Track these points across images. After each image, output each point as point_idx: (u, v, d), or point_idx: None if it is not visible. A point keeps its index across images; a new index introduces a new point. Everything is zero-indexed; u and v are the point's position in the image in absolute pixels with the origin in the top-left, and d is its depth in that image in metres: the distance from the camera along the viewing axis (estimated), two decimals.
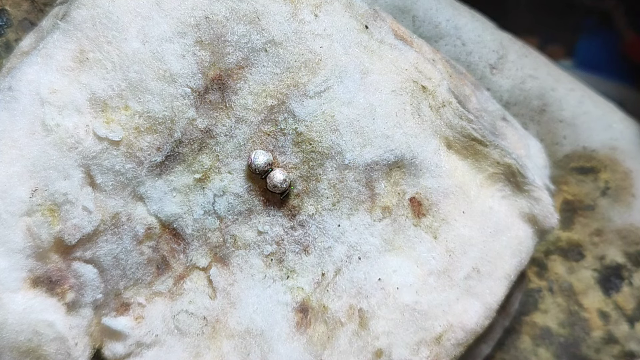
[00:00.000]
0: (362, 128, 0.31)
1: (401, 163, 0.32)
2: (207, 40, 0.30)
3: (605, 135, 0.42)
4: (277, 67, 0.31)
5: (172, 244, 0.31)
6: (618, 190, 0.42)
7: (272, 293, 0.31)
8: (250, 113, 0.31)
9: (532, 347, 0.40)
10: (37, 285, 0.28)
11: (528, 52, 0.44)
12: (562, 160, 0.43)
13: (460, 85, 0.36)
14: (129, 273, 0.30)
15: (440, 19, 0.42)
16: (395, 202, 0.32)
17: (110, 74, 0.29)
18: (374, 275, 0.31)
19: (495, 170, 0.34)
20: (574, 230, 0.42)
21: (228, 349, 0.30)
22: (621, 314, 0.40)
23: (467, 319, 0.32)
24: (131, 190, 0.30)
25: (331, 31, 0.32)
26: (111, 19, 0.29)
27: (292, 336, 0.30)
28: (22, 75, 0.28)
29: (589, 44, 0.51)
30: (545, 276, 0.42)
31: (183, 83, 0.29)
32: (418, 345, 0.31)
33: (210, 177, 0.31)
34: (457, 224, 0.33)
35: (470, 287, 0.32)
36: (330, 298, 0.31)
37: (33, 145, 0.28)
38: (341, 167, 0.31)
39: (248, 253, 0.31)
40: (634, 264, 0.41)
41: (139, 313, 0.30)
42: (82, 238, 0.28)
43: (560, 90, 0.43)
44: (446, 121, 0.33)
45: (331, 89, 0.31)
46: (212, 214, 0.31)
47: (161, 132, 0.29)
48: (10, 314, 0.27)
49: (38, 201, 0.27)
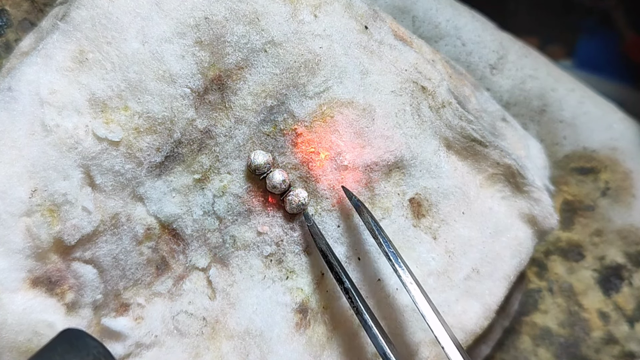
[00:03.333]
0: (361, 129, 0.31)
1: (401, 164, 0.32)
2: (207, 40, 0.30)
3: (606, 135, 0.42)
4: (277, 68, 0.31)
5: (172, 245, 0.31)
6: (618, 191, 0.42)
7: (272, 294, 0.31)
8: (249, 113, 0.31)
9: (532, 347, 0.40)
10: (37, 286, 0.28)
11: (528, 52, 0.44)
12: (562, 161, 0.43)
13: (460, 86, 0.36)
14: (129, 273, 0.30)
15: (440, 19, 0.42)
16: (394, 202, 0.32)
17: (109, 74, 0.29)
18: (374, 276, 0.31)
19: (495, 170, 0.34)
20: (574, 231, 0.42)
21: (227, 349, 0.30)
22: (621, 314, 0.40)
23: (467, 319, 0.32)
24: (131, 190, 0.29)
25: (331, 32, 0.31)
26: (111, 20, 0.29)
27: (292, 337, 0.30)
28: (22, 75, 0.28)
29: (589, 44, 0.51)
30: (545, 276, 0.42)
31: (182, 83, 0.29)
32: (418, 346, 0.31)
33: (210, 177, 0.31)
34: (457, 225, 0.33)
35: (470, 288, 0.32)
36: (330, 299, 0.31)
37: (33, 146, 0.28)
38: (341, 167, 0.31)
39: (247, 254, 0.31)
40: (634, 264, 0.41)
41: (139, 313, 0.30)
42: (81, 238, 0.28)
43: (561, 90, 0.43)
44: (446, 122, 0.33)
45: (331, 90, 0.31)
46: (212, 215, 0.31)
47: (161, 133, 0.29)
48: (10, 314, 0.27)
49: (37, 201, 0.27)
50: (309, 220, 0.31)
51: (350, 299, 0.28)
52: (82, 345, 0.24)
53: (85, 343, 0.24)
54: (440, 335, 0.26)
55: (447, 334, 0.26)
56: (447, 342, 0.26)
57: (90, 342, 0.24)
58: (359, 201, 0.30)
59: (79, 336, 0.25)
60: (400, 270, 0.28)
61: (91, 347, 0.24)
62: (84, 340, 0.24)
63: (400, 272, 0.28)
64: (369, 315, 0.28)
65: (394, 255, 0.28)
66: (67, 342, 0.24)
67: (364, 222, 0.30)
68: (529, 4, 0.51)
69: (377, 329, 0.27)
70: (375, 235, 0.29)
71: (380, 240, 0.29)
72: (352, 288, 0.28)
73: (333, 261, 0.29)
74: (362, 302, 0.28)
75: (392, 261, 0.28)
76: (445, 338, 0.26)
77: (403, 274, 0.28)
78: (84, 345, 0.24)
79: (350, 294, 0.28)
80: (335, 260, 0.29)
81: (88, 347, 0.24)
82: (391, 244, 0.29)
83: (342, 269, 0.29)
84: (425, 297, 0.27)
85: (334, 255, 0.30)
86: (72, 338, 0.24)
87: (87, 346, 0.24)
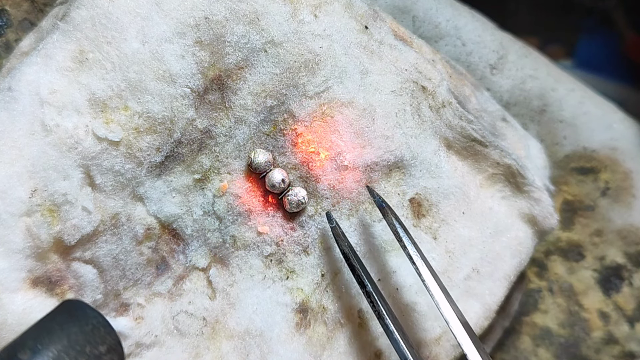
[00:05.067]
0: (361, 128, 0.31)
1: (401, 164, 0.32)
2: (207, 40, 0.30)
3: (606, 135, 0.42)
4: (277, 68, 0.31)
5: (172, 245, 0.31)
6: (618, 191, 0.42)
7: (272, 294, 0.31)
8: (249, 113, 0.31)
9: (532, 347, 0.40)
10: (37, 286, 0.28)
11: (528, 52, 0.44)
12: (562, 161, 0.43)
13: (460, 86, 0.36)
14: (129, 273, 0.30)
15: (440, 19, 0.42)
16: (395, 202, 0.32)
17: (109, 74, 0.29)
18: (374, 276, 0.31)
19: (495, 170, 0.34)
20: (574, 231, 0.42)
21: (227, 349, 0.30)
22: (621, 314, 0.40)
23: (467, 319, 0.32)
24: (131, 190, 0.29)
25: (331, 31, 0.31)
26: (111, 20, 0.29)
27: (292, 337, 0.30)
28: (22, 75, 0.28)
29: (589, 44, 0.51)
30: (545, 276, 0.42)
31: (182, 83, 0.29)
32: (418, 346, 0.31)
33: (210, 177, 0.31)
34: (457, 225, 0.33)
35: (470, 288, 0.32)
36: (330, 299, 0.31)
37: (33, 146, 0.28)
38: (341, 167, 0.31)
39: (247, 254, 0.31)
40: (634, 264, 0.41)
41: (139, 313, 0.30)
42: (81, 238, 0.28)
43: (561, 90, 0.43)
44: (446, 122, 0.33)
45: (331, 90, 0.31)
46: (212, 215, 0.31)
47: (161, 133, 0.29)
48: (10, 314, 0.27)
49: (37, 201, 0.27)
50: (331, 222, 0.30)
51: (372, 302, 0.28)
52: (82, 315, 0.24)
53: (85, 313, 0.24)
54: (469, 351, 0.26)
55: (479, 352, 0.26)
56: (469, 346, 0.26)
57: (89, 312, 0.24)
58: (383, 201, 0.30)
59: (78, 307, 0.24)
60: (424, 274, 0.27)
61: (90, 317, 0.24)
62: (84, 310, 0.24)
63: (423, 276, 0.27)
64: (391, 319, 0.27)
65: (417, 257, 0.28)
66: (66, 312, 0.24)
67: (388, 223, 0.29)
68: (529, 4, 0.51)
69: (399, 334, 0.27)
70: (399, 238, 0.29)
71: (404, 242, 0.28)
72: (373, 291, 0.28)
73: (356, 264, 0.29)
74: (384, 306, 0.28)
75: (415, 264, 0.28)
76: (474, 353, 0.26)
77: (426, 277, 0.27)
78: (83, 315, 0.24)
79: (372, 297, 0.28)
80: (358, 263, 0.29)
81: (87, 317, 0.24)
82: (416, 246, 0.28)
83: (365, 271, 0.29)
84: (451, 303, 0.27)
85: (357, 258, 0.29)
86: (72, 308, 0.24)
87: (87, 316, 0.24)
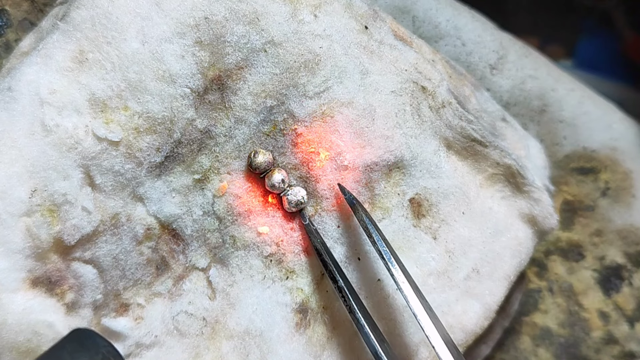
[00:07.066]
0: (361, 129, 0.31)
1: (401, 164, 0.32)
2: (207, 40, 0.30)
3: (605, 135, 0.42)
4: (277, 68, 0.31)
5: (172, 245, 0.31)
6: (618, 191, 0.42)
7: (272, 294, 0.31)
8: (249, 113, 0.31)
9: (532, 347, 0.40)
10: (37, 286, 0.28)
11: (528, 52, 0.44)
12: (562, 161, 0.43)
13: (460, 86, 0.36)
14: (129, 274, 0.30)
15: (440, 19, 0.42)
16: (394, 202, 0.32)
17: (109, 74, 0.29)
18: (374, 276, 0.31)
19: (495, 171, 0.34)
20: (574, 231, 0.42)
21: (227, 349, 0.30)
22: (621, 314, 0.40)
23: (467, 319, 0.32)
24: (130, 190, 0.29)
25: (331, 31, 0.31)
26: (110, 20, 0.29)
27: (292, 337, 0.30)
28: (22, 75, 0.28)
29: (589, 44, 0.51)
30: (545, 276, 0.42)
31: (182, 83, 0.29)
32: (417, 346, 0.31)
33: (210, 177, 0.31)
34: (457, 225, 0.33)
35: (470, 288, 0.32)
36: (330, 299, 0.31)
37: (32, 146, 0.28)
38: (341, 167, 0.31)
39: (247, 254, 0.31)
40: (634, 264, 0.41)
41: (139, 314, 0.30)
42: (81, 238, 0.28)
43: (560, 90, 0.43)
44: (446, 122, 0.33)
45: (331, 90, 0.31)
46: (212, 215, 0.31)
47: (160, 133, 0.29)
48: (10, 315, 0.27)
49: (37, 201, 0.27)
50: (304, 219, 0.31)
51: (343, 297, 0.28)
52: (92, 344, 0.24)
53: (95, 342, 0.24)
54: (432, 335, 0.26)
55: (439, 334, 0.26)
56: (438, 342, 0.26)
57: (99, 342, 0.25)
58: (354, 199, 0.30)
59: (88, 336, 0.25)
60: (394, 269, 0.28)
61: (100, 346, 0.24)
62: (94, 339, 0.25)
63: (393, 271, 0.28)
64: (362, 314, 0.27)
65: (387, 253, 0.28)
66: (76, 341, 0.24)
67: (358, 220, 0.30)
68: (529, 4, 0.51)
69: (370, 328, 0.27)
70: (369, 233, 0.29)
71: (374, 238, 0.29)
72: (345, 287, 0.28)
73: (327, 260, 0.29)
74: (355, 301, 0.28)
75: (385, 260, 0.28)
76: (436, 337, 0.26)
77: (396, 273, 0.28)
78: (93, 345, 0.24)
79: (344, 292, 0.28)
80: (330, 259, 0.29)
81: (97, 346, 0.24)
82: (386, 242, 0.29)
83: (337, 267, 0.29)
84: (419, 296, 0.27)
85: (329, 254, 0.30)
86: (82, 337, 0.25)
87: (97, 345, 0.24)
